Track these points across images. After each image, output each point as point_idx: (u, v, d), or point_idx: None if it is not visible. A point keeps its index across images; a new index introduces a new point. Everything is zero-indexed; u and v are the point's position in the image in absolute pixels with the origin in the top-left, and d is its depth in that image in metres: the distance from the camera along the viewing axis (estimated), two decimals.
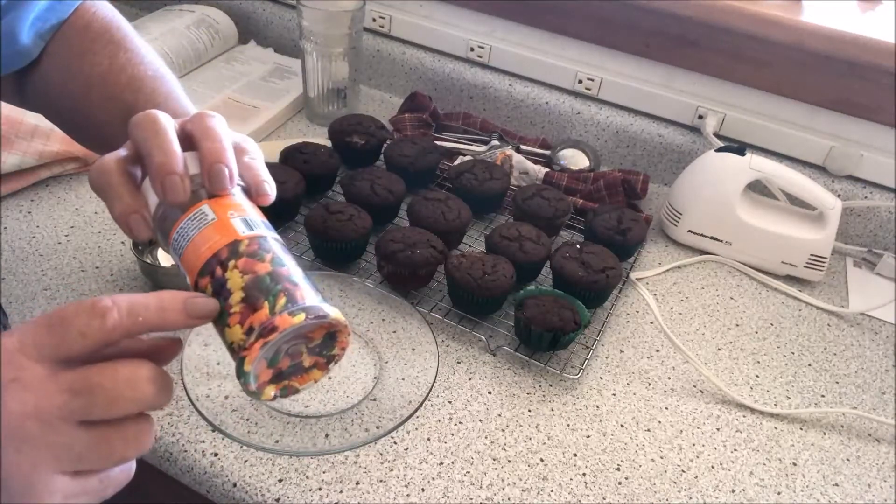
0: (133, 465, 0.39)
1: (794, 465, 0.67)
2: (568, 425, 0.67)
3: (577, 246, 0.79)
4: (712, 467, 0.65)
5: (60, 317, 0.35)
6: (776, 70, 0.95)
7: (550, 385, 0.71)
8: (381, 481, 0.60)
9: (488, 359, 0.73)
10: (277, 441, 0.61)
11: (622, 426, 0.68)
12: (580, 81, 1.07)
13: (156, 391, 0.36)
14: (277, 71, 1.15)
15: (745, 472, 0.65)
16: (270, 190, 0.45)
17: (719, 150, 0.91)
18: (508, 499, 0.60)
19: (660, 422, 0.69)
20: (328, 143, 0.95)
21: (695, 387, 0.74)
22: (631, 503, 0.61)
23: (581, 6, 1.02)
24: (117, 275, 0.76)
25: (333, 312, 0.40)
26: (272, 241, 0.42)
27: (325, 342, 0.42)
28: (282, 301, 0.39)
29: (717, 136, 1.00)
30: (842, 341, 0.83)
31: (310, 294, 0.40)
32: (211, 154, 0.42)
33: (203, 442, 0.61)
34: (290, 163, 0.88)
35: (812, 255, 0.88)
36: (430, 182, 0.95)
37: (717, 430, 0.69)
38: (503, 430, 0.66)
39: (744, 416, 0.71)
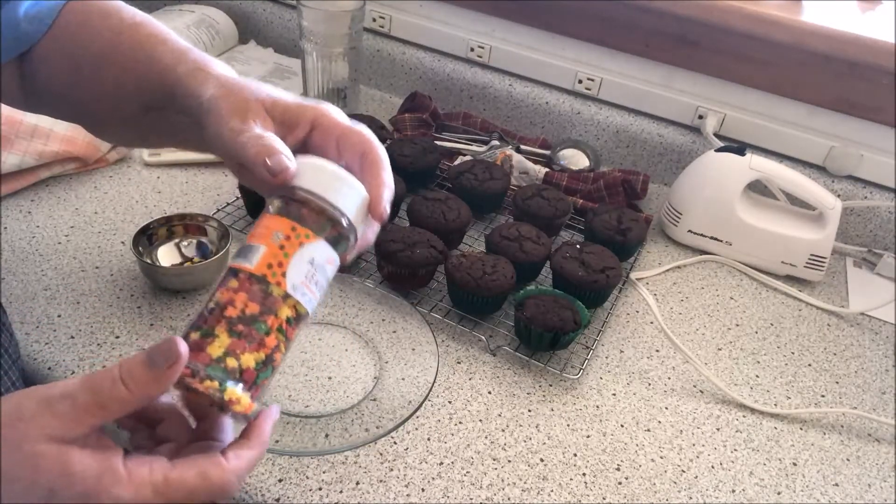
0: None
1: (794, 465, 0.67)
2: (568, 425, 0.67)
3: (577, 246, 0.79)
4: (712, 467, 0.65)
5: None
6: (776, 70, 0.95)
7: (550, 385, 0.71)
8: (381, 481, 0.60)
9: (488, 359, 0.73)
10: (277, 441, 0.61)
11: (622, 426, 0.68)
12: (580, 81, 1.07)
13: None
14: (277, 71, 1.15)
15: (745, 472, 0.65)
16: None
17: (719, 150, 0.91)
18: (508, 499, 0.60)
19: (660, 422, 0.69)
20: None
21: (695, 387, 0.74)
22: (631, 503, 0.61)
23: (581, 6, 1.02)
24: (117, 275, 0.76)
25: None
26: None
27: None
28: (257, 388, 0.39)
29: (717, 136, 1.00)
30: (842, 341, 0.83)
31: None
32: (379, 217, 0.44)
33: None
34: None
35: (812, 255, 0.88)
36: (430, 182, 0.95)
37: (717, 430, 0.69)
38: (503, 430, 0.66)
39: (744, 416, 0.71)
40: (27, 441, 0.33)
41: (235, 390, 0.37)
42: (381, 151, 0.45)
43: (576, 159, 1.03)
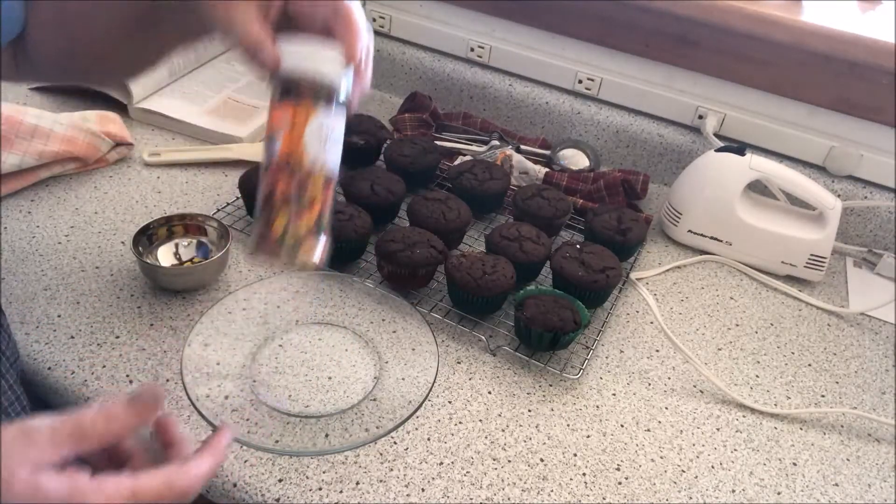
0: None
1: (794, 465, 0.67)
2: (568, 425, 0.67)
3: (577, 246, 0.79)
4: (712, 467, 0.65)
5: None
6: (776, 70, 0.95)
7: (550, 385, 0.71)
8: (381, 481, 0.60)
9: (488, 359, 0.73)
10: (277, 441, 0.61)
11: (622, 426, 0.68)
12: (580, 81, 1.07)
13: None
14: None
15: (745, 472, 0.65)
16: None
17: (719, 150, 0.91)
18: (508, 499, 0.60)
19: (660, 422, 0.69)
20: None
21: (695, 387, 0.74)
22: (631, 503, 0.61)
23: (581, 6, 1.02)
24: (117, 275, 0.76)
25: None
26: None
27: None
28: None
29: (717, 136, 1.00)
30: (842, 341, 0.83)
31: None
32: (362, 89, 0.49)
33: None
34: None
35: (812, 255, 0.88)
36: (430, 182, 0.95)
37: (717, 430, 0.69)
38: (503, 430, 0.66)
39: (744, 416, 0.71)
40: (3, 465, 0.36)
41: (304, 253, 0.48)
42: (351, 5, 0.49)
43: (576, 159, 1.03)
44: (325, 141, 0.48)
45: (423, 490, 0.60)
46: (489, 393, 0.69)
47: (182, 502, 0.40)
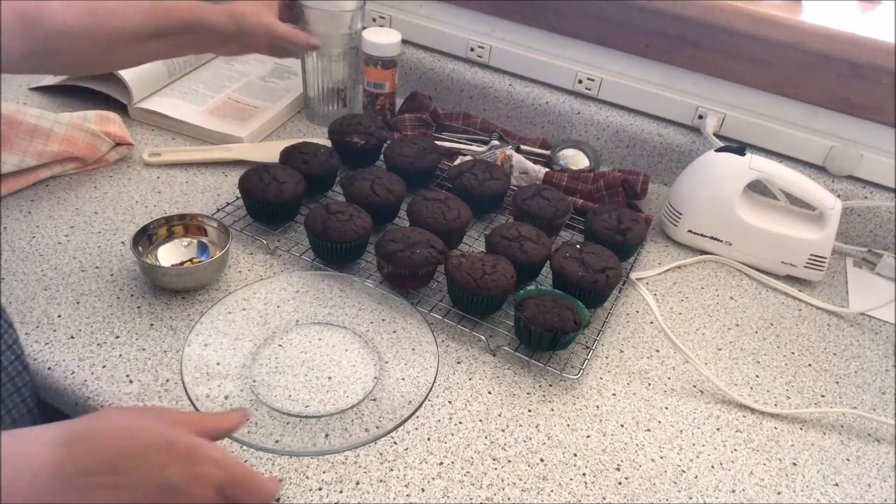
0: None
1: (794, 465, 0.67)
2: (568, 425, 0.67)
3: (577, 246, 0.79)
4: (712, 467, 0.65)
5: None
6: (776, 70, 0.95)
7: (550, 385, 0.71)
8: (381, 481, 0.60)
9: (488, 359, 0.73)
10: (277, 441, 0.61)
11: (622, 426, 0.68)
12: (580, 81, 1.07)
13: None
14: (277, 71, 1.15)
15: (745, 472, 0.65)
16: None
17: (719, 150, 0.91)
18: (508, 499, 0.60)
19: (660, 422, 0.69)
20: (328, 143, 0.95)
21: (695, 387, 0.74)
22: (631, 503, 0.61)
23: (581, 6, 1.02)
24: (117, 275, 0.76)
25: None
26: None
27: None
28: None
29: (717, 136, 1.00)
30: (842, 341, 0.83)
31: None
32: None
33: None
34: (290, 163, 0.88)
35: (812, 255, 0.88)
36: (430, 182, 0.95)
37: (717, 430, 0.69)
38: (503, 430, 0.66)
39: (744, 416, 0.71)
40: (146, 419, 0.47)
41: None
42: None
43: (576, 159, 1.03)
44: None
45: (423, 490, 0.60)
46: (489, 393, 0.69)
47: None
